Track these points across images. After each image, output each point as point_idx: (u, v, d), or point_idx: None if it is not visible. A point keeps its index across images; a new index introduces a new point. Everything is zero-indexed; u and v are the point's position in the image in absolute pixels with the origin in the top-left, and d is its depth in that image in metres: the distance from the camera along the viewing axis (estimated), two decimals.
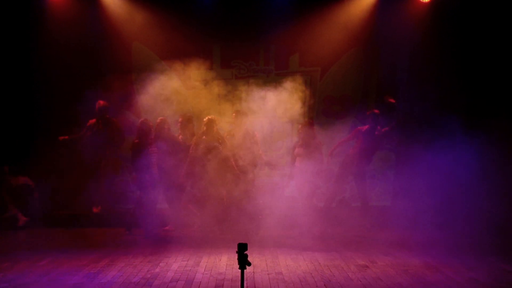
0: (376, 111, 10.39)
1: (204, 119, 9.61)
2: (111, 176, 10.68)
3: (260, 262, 7.49)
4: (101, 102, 10.51)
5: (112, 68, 11.05)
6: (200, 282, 6.55)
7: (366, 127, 10.36)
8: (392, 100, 10.68)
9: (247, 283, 6.42)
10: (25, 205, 10.36)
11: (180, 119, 9.99)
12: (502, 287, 6.47)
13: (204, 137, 9.48)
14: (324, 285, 6.45)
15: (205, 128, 9.51)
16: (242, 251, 4.65)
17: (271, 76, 11.52)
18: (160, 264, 7.44)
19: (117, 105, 10.93)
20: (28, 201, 10.42)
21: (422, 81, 11.33)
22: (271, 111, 9.86)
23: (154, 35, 11.14)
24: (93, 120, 10.58)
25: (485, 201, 9.94)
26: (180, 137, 9.94)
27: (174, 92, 10.55)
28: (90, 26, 11.03)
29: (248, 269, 6.36)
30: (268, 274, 6.93)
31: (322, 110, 11.73)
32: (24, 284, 6.38)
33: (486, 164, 9.74)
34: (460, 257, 7.92)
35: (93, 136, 10.50)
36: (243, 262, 4.66)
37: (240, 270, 4.67)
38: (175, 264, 7.45)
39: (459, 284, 6.56)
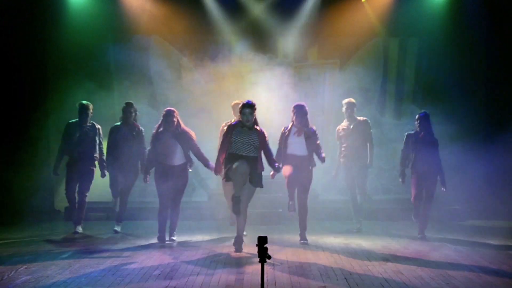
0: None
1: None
2: None
3: (280, 255, 7.48)
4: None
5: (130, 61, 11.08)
6: (220, 275, 6.55)
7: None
8: None
9: (267, 276, 6.41)
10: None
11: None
12: None
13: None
14: (345, 278, 6.42)
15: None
16: (262, 244, 4.65)
17: (290, 68, 11.44)
18: (181, 257, 7.46)
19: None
20: None
21: (442, 73, 11.23)
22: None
23: (173, 28, 11.13)
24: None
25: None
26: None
27: (193, 86, 10.57)
28: (108, 20, 11.06)
29: (268, 262, 6.36)
30: (288, 267, 6.91)
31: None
32: (47, 277, 6.44)
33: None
34: (481, 251, 7.84)
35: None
36: (263, 255, 4.65)
37: (260, 264, 4.66)
38: (195, 257, 7.47)
39: (481, 278, 6.48)
